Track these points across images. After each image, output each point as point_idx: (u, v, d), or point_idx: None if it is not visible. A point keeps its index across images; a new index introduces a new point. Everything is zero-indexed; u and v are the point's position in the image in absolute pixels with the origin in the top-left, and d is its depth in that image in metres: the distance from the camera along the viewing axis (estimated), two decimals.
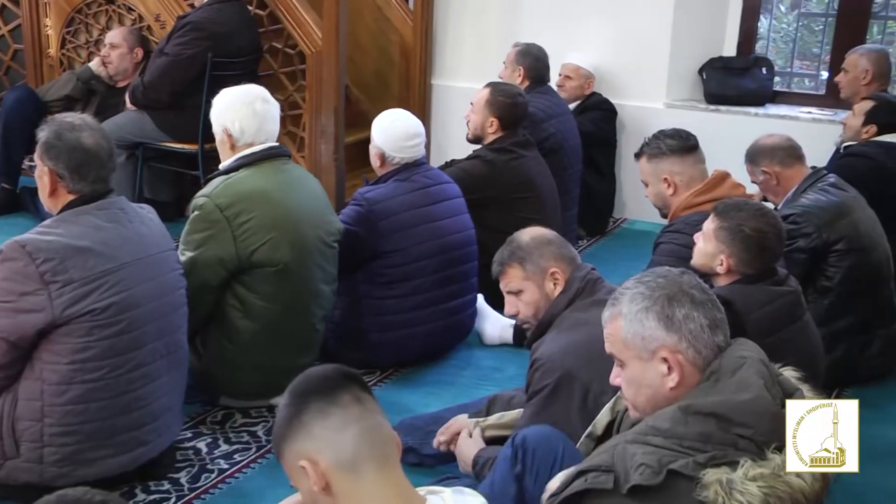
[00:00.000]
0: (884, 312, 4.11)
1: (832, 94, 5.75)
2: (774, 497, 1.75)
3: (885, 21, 6.23)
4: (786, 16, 6.68)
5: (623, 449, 1.86)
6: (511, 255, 3.01)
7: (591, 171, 5.87)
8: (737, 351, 2.01)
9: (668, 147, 3.77)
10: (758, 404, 1.85)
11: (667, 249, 3.66)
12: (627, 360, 2.05)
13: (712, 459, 1.79)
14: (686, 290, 2.02)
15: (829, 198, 4.03)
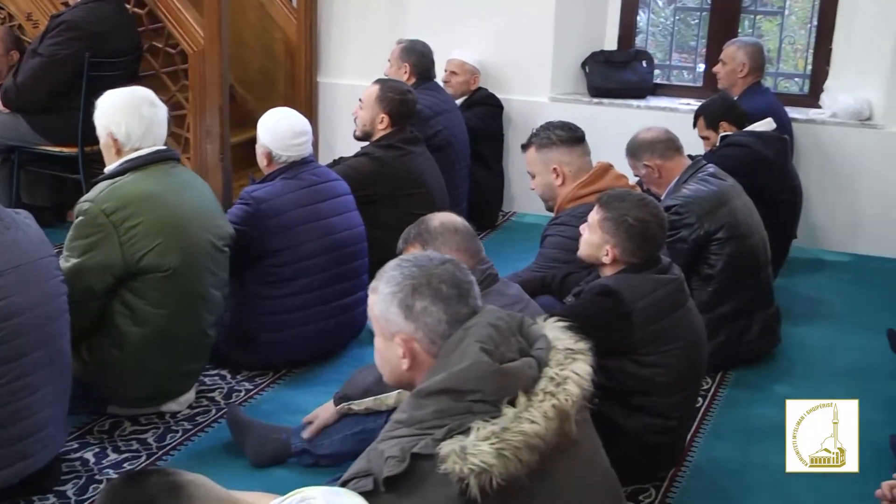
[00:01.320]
0: (762, 296, 4.25)
1: (710, 85, 5.91)
2: (509, 449, 1.82)
3: (754, 16, 6.44)
4: (663, 10, 6.85)
5: (375, 450, 1.92)
6: (417, 235, 3.01)
7: (478, 165, 5.92)
8: (470, 324, 2.07)
9: (557, 137, 3.83)
10: (476, 369, 1.92)
11: (554, 242, 3.72)
12: (376, 332, 2.15)
13: (450, 432, 1.85)
14: (434, 283, 2.06)
15: (708, 187, 4.14)
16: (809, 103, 5.94)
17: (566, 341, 2.10)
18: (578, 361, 2.04)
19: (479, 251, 3.06)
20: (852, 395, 3.87)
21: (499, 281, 3.07)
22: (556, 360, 2.02)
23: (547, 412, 1.90)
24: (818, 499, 3.24)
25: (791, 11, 6.58)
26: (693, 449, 3.53)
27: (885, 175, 5.60)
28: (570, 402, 1.94)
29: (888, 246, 5.58)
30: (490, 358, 1.94)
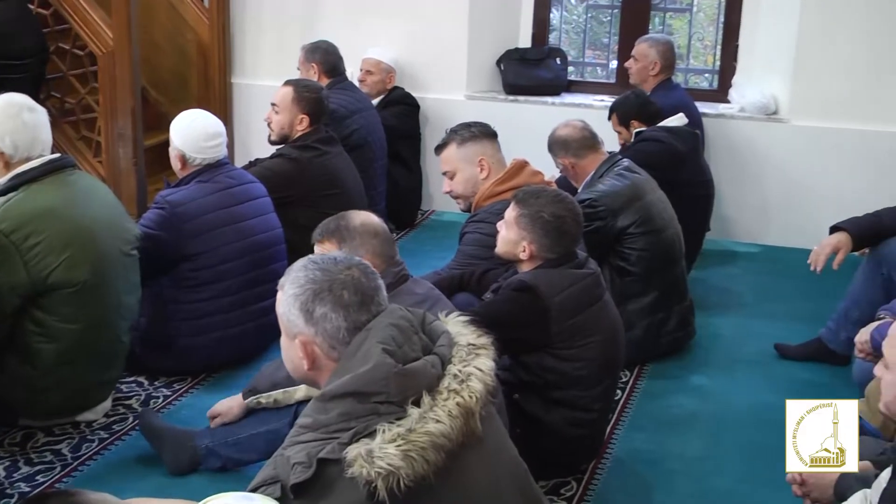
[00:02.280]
0: (678, 289, 4.33)
1: (622, 81, 6.00)
2: (415, 451, 1.82)
3: (664, 13, 6.56)
4: (576, 7, 6.94)
5: (282, 456, 1.91)
6: (335, 231, 2.97)
7: (397, 165, 5.92)
8: (371, 325, 2.06)
9: (479, 131, 3.85)
10: (379, 370, 1.91)
11: (472, 239, 3.73)
12: (282, 329, 2.13)
13: (356, 435, 1.85)
14: (336, 289, 2.04)
15: (623, 182, 4.21)
16: (718, 98, 6.07)
17: (468, 336, 2.10)
18: (481, 357, 2.04)
19: (395, 255, 3.05)
20: (764, 382, 4.04)
21: (409, 280, 3.07)
22: (458, 357, 2.02)
23: (451, 410, 1.90)
24: (732, 484, 3.32)
25: (699, 9, 6.72)
26: (613, 441, 3.59)
27: (792, 167, 5.75)
28: (475, 399, 1.94)
29: (795, 236, 5.71)
30: (393, 359, 1.93)
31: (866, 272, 4.07)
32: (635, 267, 4.13)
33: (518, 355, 3.18)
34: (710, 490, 3.30)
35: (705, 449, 3.59)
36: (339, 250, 2.92)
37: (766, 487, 3.22)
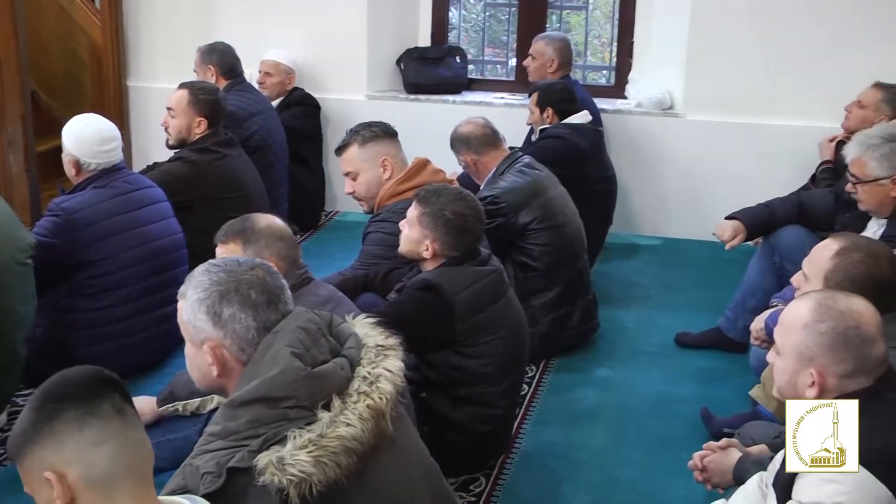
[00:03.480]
0: (581, 283, 4.38)
1: (521, 79, 6.05)
2: (327, 456, 1.82)
3: (561, 10, 6.64)
4: (474, 6, 6.97)
5: (191, 466, 1.88)
6: (240, 232, 2.93)
7: (299, 166, 5.87)
8: (278, 328, 2.05)
9: (380, 131, 3.83)
10: (288, 375, 1.89)
11: (375, 238, 3.72)
12: (186, 339, 2.10)
13: (266, 442, 1.83)
14: (243, 289, 2.03)
15: (524, 178, 4.25)
16: (616, 94, 6.16)
17: (376, 338, 2.09)
18: (389, 358, 2.04)
19: (298, 259, 3.03)
20: (666, 372, 4.12)
21: (312, 282, 3.05)
22: (367, 359, 2.01)
23: (362, 413, 1.89)
24: (637, 474, 3.38)
25: (595, 6, 6.82)
26: (520, 435, 3.62)
27: (689, 161, 5.87)
28: (385, 401, 1.94)
29: (694, 229, 5.84)
30: (301, 362, 1.91)
31: (760, 262, 4.18)
32: (538, 262, 4.18)
33: (424, 354, 3.18)
34: (616, 480, 3.36)
35: (611, 440, 3.64)
36: (243, 252, 2.90)
37: (669, 475, 3.30)
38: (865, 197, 3.72)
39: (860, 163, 3.74)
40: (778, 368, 2.24)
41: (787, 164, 5.53)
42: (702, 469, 2.74)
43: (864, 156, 3.72)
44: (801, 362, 2.17)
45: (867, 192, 3.70)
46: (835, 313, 2.15)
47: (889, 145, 3.69)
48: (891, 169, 3.65)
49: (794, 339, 2.18)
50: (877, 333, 2.15)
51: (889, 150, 3.67)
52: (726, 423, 3.49)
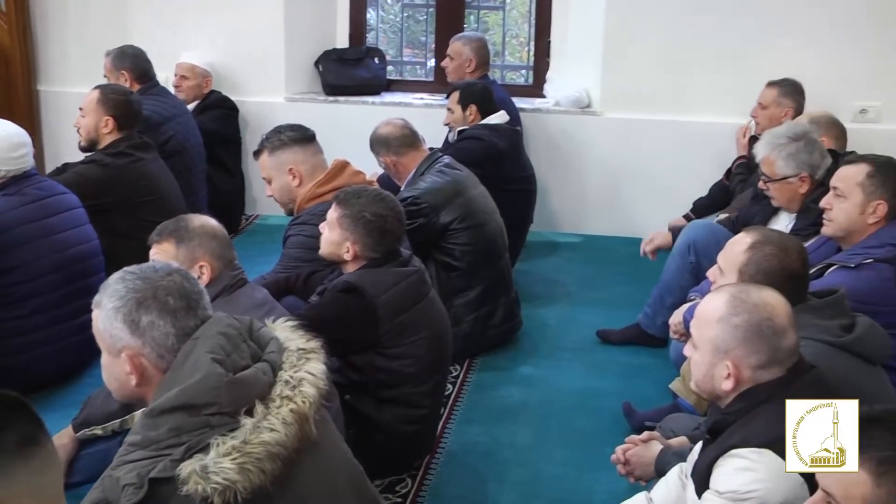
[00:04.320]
0: (503, 282, 4.41)
1: (440, 79, 6.07)
2: (251, 462, 1.80)
3: (478, 10, 6.68)
4: (392, 7, 6.96)
5: (110, 478, 1.85)
6: (174, 231, 2.91)
7: (217, 169, 5.80)
8: (198, 334, 2.02)
9: (289, 138, 3.81)
10: (209, 381, 1.87)
11: (296, 241, 3.70)
12: (102, 349, 2.07)
13: (188, 451, 1.81)
14: (161, 295, 2.00)
15: (444, 178, 4.26)
16: (534, 93, 6.21)
17: (298, 341, 2.08)
18: (312, 361, 2.02)
19: (233, 259, 3.01)
20: (588, 368, 4.17)
21: (247, 284, 3.03)
22: (289, 363, 2.00)
23: (285, 418, 1.88)
24: (561, 470, 3.42)
25: (512, 6, 6.86)
26: (446, 435, 3.63)
27: (607, 159, 5.95)
28: (308, 404, 1.92)
29: (614, 225, 5.94)
30: (222, 368, 1.89)
31: (676, 260, 4.27)
32: (460, 262, 4.19)
33: (347, 356, 3.18)
34: (540, 476, 3.39)
35: (535, 436, 3.67)
36: (176, 251, 2.89)
37: (592, 469, 3.34)
38: (776, 194, 3.86)
39: (769, 161, 3.87)
40: (695, 361, 2.28)
41: (703, 160, 5.64)
42: (624, 462, 2.78)
43: (771, 155, 3.85)
44: (716, 355, 2.21)
45: (777, 189, 3.85)
46: (748, 306, 2.20)
47: (795, 144, 3.81)
48: (797, 167, 3.78)
49: (710, 332, 2.22)
50: (788, 325, 2.20)
51: (795, 150, 3.80)
52: (647, 417, 3.55)
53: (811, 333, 2.49)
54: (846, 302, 2.70)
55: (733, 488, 2.09)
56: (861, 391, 2.40)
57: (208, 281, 2.88)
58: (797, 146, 3.81)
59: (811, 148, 3.83)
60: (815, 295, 2.71)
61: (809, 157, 3.80)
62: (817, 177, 3.75)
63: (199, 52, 5.94)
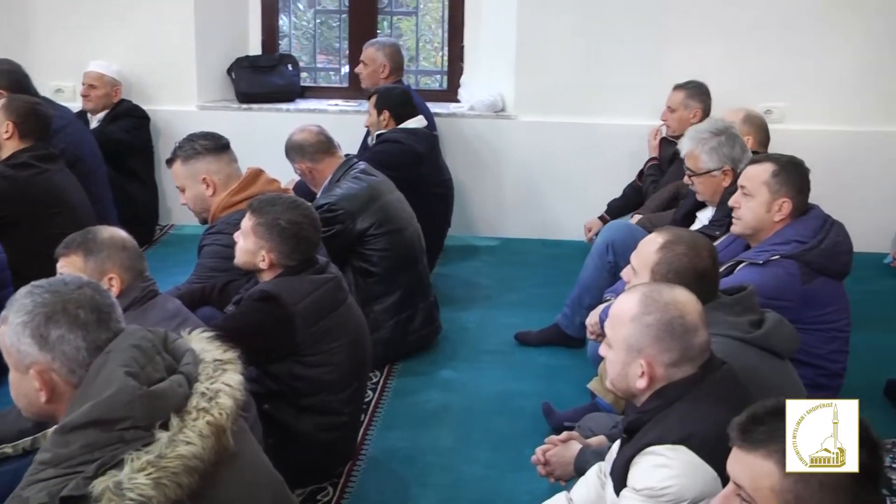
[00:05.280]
0: (422, 286, 4.42)
1: (355, 85, 6.04)
2: (167, 477, 1.79)
3: (391, 16, 6.68)
4: (305, 13, 6.93)
5: (19, 498, 1.81)
6: (81, 243, 2.86)
7: (130, 179, 5.71)
8: (110, 348, 1.99)
9: (202, 147, 3.76)
10: (122, 395, 1.85)
11: (211, 251, 3.66)
12: (10, 365, 2.03)
13: (101, 467, 1.78)
14: (71, 309, 1.97)
15: (360, 184, 4.26)
16: (449, 98, 6.24)
17: (214, 352, 2.05)
18: (228, 372, 2.00)
19: (144, 270, 2.96)
20: (508, 370, 4.20)
21: (159, 295, 2.99)
22: (205, 374, 1.97)
23: (202, 430, 1.85)
24: (483, 472, 3.43)
25: (426, 11, 6.88)
26: (367, 442, 3.62)
27: (523, 162, 6.00)
28: (225, 416, 1.90)
29: (531, 228, 5.99)
30: (136, 381, 1.86)
31: (595, 260, 4.33)
32: (378, 267, 4.19)
33: (265, 365, 3.15)
34: (462, 479, 3.40)
35: (457, 440, 3.68)
36: (84, 264, 2.84)
37: (514, 471, 3.36)
38: (701, 188, 3.97)
39: (693, 156, 3.98)
40: (610, 361, 2.31)
41: (616, 161, 5.72)
42: (544, 463, 2.81)
43: (695, 150, 3.96)
44: (630, 354, 2.25)
45: (702, 183, 3.96)
46: (660, 305, 2.24)
47: (717, 139, 3.93)
48: (720, 161, 3.89)
49: (623, 331, 2.26)
50: (699, 322, 2.25)
51: (717, 144, 3.92)
52: (567, 417, 3.59)
53: (722, 330, 2.55)
54: (755, 298, 2.76)
55: (650, 485, 2.13)
56: (770, 385, 2.48)
57: (118, 293, 2.82)
58: (719, 140, 3.93)
59: (733, 142, 3.96)
60: (725, 292, 2.77)
61: (731, 150, 3.93)
62: (739, 170, 3.85)
63: (107, 61, 5.83)
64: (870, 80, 5.64)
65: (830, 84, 5.68)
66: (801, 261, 3.26)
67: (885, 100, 5.65)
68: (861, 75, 5.64)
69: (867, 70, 5.63)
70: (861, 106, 5.68)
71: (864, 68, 5.63)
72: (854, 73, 5.64)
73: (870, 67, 5.63)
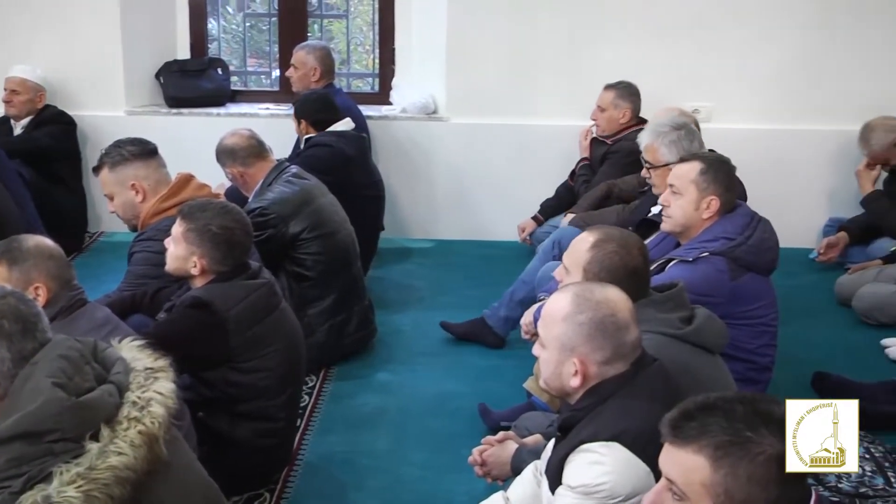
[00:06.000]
0: (356, 290, 4.40)
1: (286, 89, 6.01)
2: (98, 489, 1.77)
3: (322, 19, 6.65)
4: (234, 16, 6.87)
5: None
6: (6, 252, 2.81)
7: (57, 186, 5.62)
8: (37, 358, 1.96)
9: (130, 153, 3.71)
10: (50, 406, 1.83)
11: (141, 258, 3.62)
12: None
13: (29, 481, 1.76)
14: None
15: (292, 188, 4.23)
16: (381, 100, 6.23)
17: (145, 360, 2.03)
18: (160, 380, 1.98)
19: (71, 279, 2.91)
20: (444, 372, 4.21)
21: (88, 304, 2.94)
22: (136, 383, 1.95)
23: (134, 440, 1.83)
24: (420, 474, 3.43)
25: (356, 14, 6.86)
26: (304, 447, 3.60)
27: (455, 164, 6.01)
28: (157, 425, 1.88)
29: (463, 229, 6.01)
30: (64, 392, 1.83)
31: (541, 257, 4.38)
32: (312, 271, 4.17)
33: (199, 372, 3.12)
34: (400, 481, 3.40)
35: (394, 442, 3.68)
36: (9, 274, 2.79)
37: (451, 472, 3.36)
38: (658, 181, 4.02)
39: (652, 149, 4.04)
40: (543, 360, 2.33)
41: (548, 162, 5.76)
42: (481, 463, 2.83)
43: (654, 143, 4.02)
44: (563, 352, 2.26)
45: (660, 176, 4.01)
46: (592, 303, 2.26)
47: (676, 132, 4.01)
48: (679, 154, 3.95)
49: (556, 330, 2.27)
50: (630, 320, 2.28)
51: (677, 138, 3.99)
52: (503, 417, 3.61)
53: (653, 327, 2.59)
54: (685, 295, 2.81)
55: (584, 482, 2.15)
56: (701, 380, 2.52)
57: (45, 303, 2.78)
58: (679, 134, 4.00)
59: (691, 137, 4.04)
60: (656, 289, 2.81)
61: (690, 144, 4.00)
62: None
63: (30, 66, 5.72)
64: (794, 79, 5.76)
65: (755, 83, 5.78)
66: (730, 257, 3.32)
67: (809, 98, 5.76)
68: (785, 74, 5.75)
69: (791, 69, 5.75)
70: (785, 104, 5.79)
71: (788, 67, 5.75)
72: (778, 73, 5.75)
73: (793, 66, 5.75)
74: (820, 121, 5.77)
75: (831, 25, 5.69)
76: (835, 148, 5.77)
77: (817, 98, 5.76)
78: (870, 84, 5.68)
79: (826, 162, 5.84)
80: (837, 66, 5.72)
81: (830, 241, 5.33)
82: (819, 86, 5.75)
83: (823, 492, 2.98)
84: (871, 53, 5.70)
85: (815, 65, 5.75)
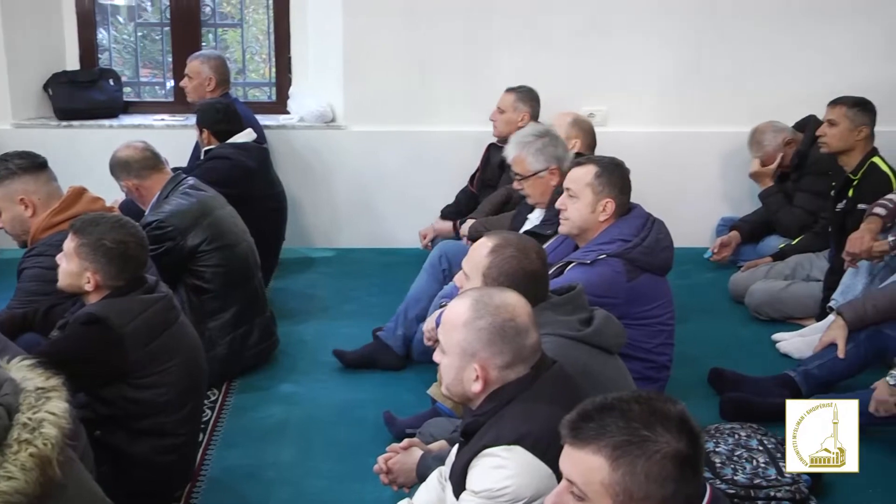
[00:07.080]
0: (257, 301, 4.35)
1: (181, 99, 5.91)
2: None
3: (216, 28, 6.56)
4: (125, 26, 6.73)
5: None
6: None
7: None
8: None
9: (17, 166, 3.62)
10: None
11: (32, 274, 3.52)
12: None
13: None
14: None
15: (189, 200, 4.17)
16: (279, 110, 6.18)
17: (36, 380, 1.97)
18: (52, 400, 1.92)
19: None
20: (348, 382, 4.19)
21: None
22: (27, 404, 1.89)
23: (25, 463, 1.78)
24: (326, 484, 3.41)
25: (252, 22, 6.79)
26: (206, 461, 3.54)
27: (356, 172, 6.00)
28: (50, 446, 1.83)
29: (365, 237, 6.00)
30: None
31: (428, 270, 4.40)
32: (211, 284, 4.11)
33: (95, 390, 3.05)
34: (306, 492, 3.37)
35: (299, 453, 3.65)
36: None
37: (357, 480, 3.35)
38: (531, 191, 4.10)
39: (520, 160, 4.10)
40: (444, 366, 2.34)
41: (447, 169, 5.79)
42: (387, 471, 2.82)
43: (521, 153, 4.09)
44: (464, 358, 2.28)
45: (531, 185, 4.09)
46: (491, 308, 2.28)
47: (541, 140, 4.08)
48: (547, 161, 4.04)
49: (456, 336, 2.29)
50: (530, 323, 2.30)
51: (542, 145, 4.07)
52: (408, 424, 3.60)
53: (553, 329, 2.62)
54: (584, 297, 2.85)
55: (487, 486, 2.17)
56: (601, 380, 2.56)
57: None
58: (544, 142, 4.08)
59: (556, 142, 4.12)
60: (555, 292, 2.85)
61: (555, 150, 4.09)
62: (564, 168, 3.97)
63: None
64: (686, 84, 5.90)
65: (649, 88, 5.92)
66: (626, 258, 3.38)
67: (701, 101, 5.92)
68: (678, 79, 5.90)
69: (683, 73, 5.89)
70: (678, 108, 5.94)
71: (680, 72, 5.89)
72: (671, 77, 5.89)
73: (686, 71, 5.89)
74: (711, 124, 5.93)
75: (722, 32, 5.86)
76: (726, 150, 5.95)
77: (708, 101, 5.92)
78: (758, 88, 5.86)
79: (717, 163, 6.01)
80: (728, 70, 5.89)
81: (724, 241, 5.48)
82: (710, 90, 5.91)
83: (720, 485, 3.06)
84: (760, 58, 5.88)
85: (705, 69, 5.90)
